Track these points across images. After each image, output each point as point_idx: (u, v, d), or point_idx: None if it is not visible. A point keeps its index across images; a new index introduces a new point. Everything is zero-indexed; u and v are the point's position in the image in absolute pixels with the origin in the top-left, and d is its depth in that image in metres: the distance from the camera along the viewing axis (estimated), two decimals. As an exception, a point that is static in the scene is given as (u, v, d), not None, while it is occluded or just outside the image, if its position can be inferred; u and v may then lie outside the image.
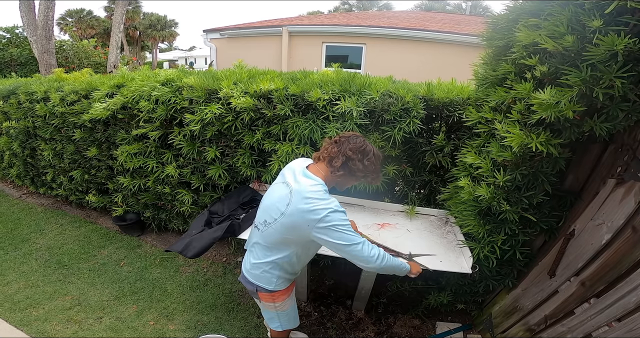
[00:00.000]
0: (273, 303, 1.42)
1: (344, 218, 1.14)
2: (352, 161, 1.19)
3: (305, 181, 1.19)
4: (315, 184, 1.18)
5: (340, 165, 1.19)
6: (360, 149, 1.20)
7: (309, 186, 1.17)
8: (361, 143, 1.21)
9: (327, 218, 1.11)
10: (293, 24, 8.22)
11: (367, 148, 1.21)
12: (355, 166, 1.19)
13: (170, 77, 2.18)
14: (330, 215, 1.11)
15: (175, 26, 27.76)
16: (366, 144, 1.22)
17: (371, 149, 1.22)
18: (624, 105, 1.01)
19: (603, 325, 1.21)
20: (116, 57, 6.74)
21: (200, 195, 2.40)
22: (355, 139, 1.22)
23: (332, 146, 1.22)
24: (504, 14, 1.35)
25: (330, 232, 1.13)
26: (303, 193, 1.15)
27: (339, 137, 1.24)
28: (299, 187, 1.18)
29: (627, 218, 1.14)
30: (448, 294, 1.94)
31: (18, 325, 2.06)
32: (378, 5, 29.91)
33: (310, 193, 1.15)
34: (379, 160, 1.25)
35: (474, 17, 11.46)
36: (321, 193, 1.16)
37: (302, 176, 1.21)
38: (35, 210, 3.55)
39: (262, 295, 1.40)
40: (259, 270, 1.34)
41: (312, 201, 1.13)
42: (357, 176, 1.22)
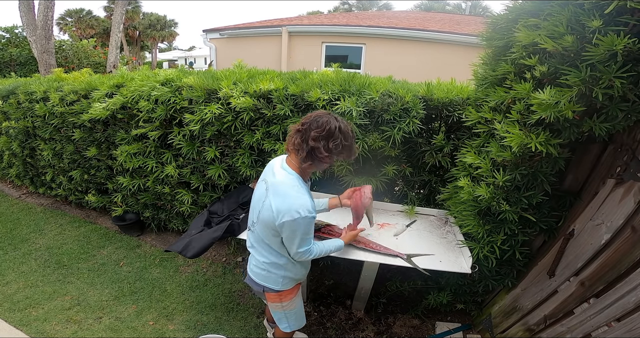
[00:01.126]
0: (280, 303, 1.42)
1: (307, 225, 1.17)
2: (317, 150, 1.10)
3: (280, 176, 1.19)
4: (290, 178, 1.17)
5: (305, 156, 1.12)
6: (324, 133, 1.09)
7: (282, 182, 1.17)
8: (324, 124, 1.10)
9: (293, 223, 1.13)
10: (293, 24, 8.21)
11: (331, 128, 1.10)
12: (322, 154, 1.10)
13: (169, 77, 2.17)
14: (296, 221, 1.12)
15: (175, 26, 27.75)
16: (330, 124, 1.10)
17: (336, 127, 1.11)
18: (624, 105, 1.01)
19: (602, 325, 1.21)
20: (116, 57, 6.74)
21: (200, 195, 2.40)
22: (317, 121, 1.11)
23: (295, 136, 1.13)
24: (503, 14, 1.35)
25: (290, 233, 1.17)
26: (276, 190, 1.17)
27: (301, 123, 1.14)
28: (274, 183, 1.19)
29: (626, 218, 1.14)
30: (447, 294, 1.94)
31: (17, 325, 2.06)
32: (378, 5, 29.90)
33: (283, 188, 1.15)
34: (348, 136, 1.14)
35: (473, 17, 11.46)
36: (294, 189, 1.15)
37: (280, 169, 1.21)
38: (34, 210, 3.55)
39: (269, 295, 1.40)
40: (264, 271, 1.34)
41: (284, 200, 1.14)
42: (326, 162, 1.15)
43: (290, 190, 1.15)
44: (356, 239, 1.59)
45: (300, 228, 1.15)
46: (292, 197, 1.13)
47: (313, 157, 1.12)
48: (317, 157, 1.12)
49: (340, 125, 1.12)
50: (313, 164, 1.14)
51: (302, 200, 1.13)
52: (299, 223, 1.13)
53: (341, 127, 1.12)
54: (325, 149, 1.10)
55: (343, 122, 1.14)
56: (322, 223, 1.67)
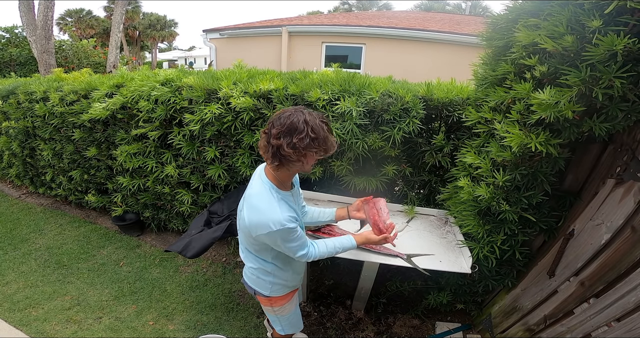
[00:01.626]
0: (271, 307, 1.41)
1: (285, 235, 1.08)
2: (280, 148, 0.98)
3: (255, 187, 1.12)
4: (263, 189, 1.09)
5: (271, 158, 1.01)
6: (285, 129, 0.96)
7: (254, 194, 1.10)
8: (285, 119, 0.97)
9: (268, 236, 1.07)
10: (293, 24, 8.21)
11: (293, 122, 0.96)
12: (286, 151, 0.97)
13: (169, 77, 2.17)
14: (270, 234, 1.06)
15: (175, 26, 27.76)
16: (292, 117, 0.97)
17: (300, 120, 0.96)
18: (623, 105, 1.01)
19: (602, 325, 1.21)
20: (115, 57, 6.73)
21: (200, 195, 2.40)
22: (279, 118, 0.99)
23: (262, 139, 1.04)
24: (503, 14, 1.35)
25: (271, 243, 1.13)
26: (249, 202, 1.10)
27: (267, 125, 1.03)
28: (248, 195, 1.13)
29: (626, 218, 1.14)
30: (447, 294, 1.94)
31: (17, 325, 2.06)
32: (378, 5, 29.91)
33: (254, 201, 1.08)
34: (318, 128, 0.98)
35: (473, 17, 11.46)
36: (265, 202, 1.06)
37: (257, 178, 1.14)
38: (34, 210, 3.55)
39: (260, 299, 1.39)
40: (253, 276, 1.33)
41: (255, 213, 1.07)
42: (296, 160, 1.01)
43: (261, 203, 1.06)
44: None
45: (279, 239, 1.09)
46: (262, 211, 1.05)
47: (279, 157, 1.00)
48: (284, 157, 0.99)
49: (306, 118, 0.98)
50: (282, 165, 1.03)
51: (274, 214, 1.04)
52: (275, 236, 1.07)
53: (307, 120, 0.97)
54: (290, 145, 0.96)
55: (312, 115, 1.00)
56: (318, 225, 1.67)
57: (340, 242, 1.28)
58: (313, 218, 1.44)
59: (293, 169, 1.07)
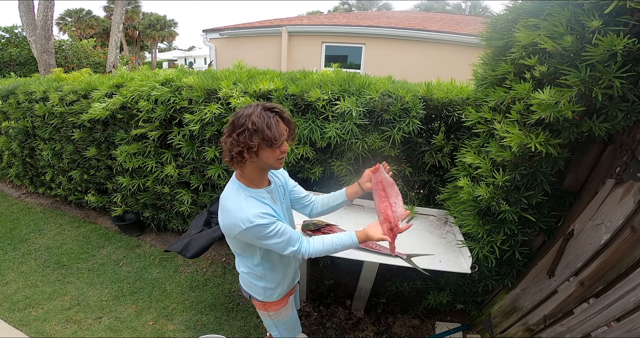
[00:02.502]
0: (267, 312, 1.38)
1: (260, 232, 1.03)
2: (230, 149, 0.97)
3: (226, 188, 1.11)
4: (231, 189, 1.07)
5: (227, 160, 1.01)
6: (231, 127, 0.96)
7: (222, 197, 1.09)
8: (232, 117, 0.97)
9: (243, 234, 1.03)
10: (292, 24, 8.21)
11: (237, 116, 0.95)
12: (234, 151, 0.96)
13: (169, 77, 2.17)
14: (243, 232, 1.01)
15: (175, 26, 27.74)
16: (238, 114, 0.96)
17: (242, 114, 0.94)
18: (623, 105, 1.01)
19: (602, 325, 1.21)
20: (115, 57, 6.73)
21: (200, 195, 2.40)
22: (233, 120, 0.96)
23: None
24: (503, 14, 1.36)
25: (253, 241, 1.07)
26: (220, 205, 1.09)
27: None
28: (220, 200, 1.10)
29: (626, 218, 1.14)
30: (447, 294, 1.94)
31: (17, 325, 2.05)
32: (377, 5, 29.90)
33: (223, 203, 1.07)
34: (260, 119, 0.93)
35: (473, 17, 11.46)
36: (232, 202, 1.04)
37: (229, 181, 1.12)
38: (34, 210, 3.54)
39: (255, 303, 1.37)
40: (246, 280, 1.31)
41: (225, 215, 1.05)
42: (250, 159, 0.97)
43: (229, 203, 1.05)
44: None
45: (253, 238, 1.05)
46: (230, 210, 1.03)
47: (230, 156, 0.98)
48: (234, 156, 0.97)
49: (249, 111, 0.94)
50: (237, 163, 1.00)
51: (241, 212, 1.01)
52: (248, 234, 1.03)
53: (250, 113, 0.93)
54: (234, 142, 0.94)
55: (259, 106, 0.96)
56: (322, 223, 1.67)
57: (339, 238, 1.15)
58: (324, 205, 1.32)
59: (252, 165, 1.03)
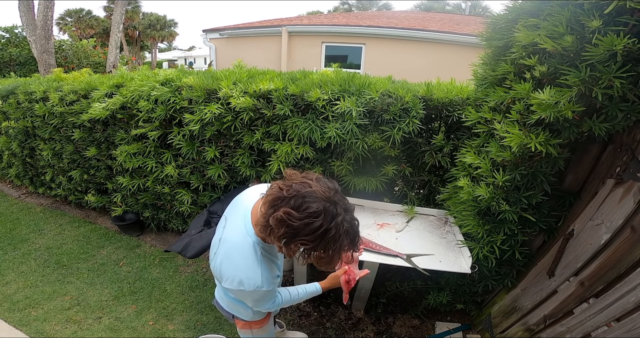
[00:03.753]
0: (250, 330, 1.32)
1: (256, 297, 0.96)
2: (299, 249, 0.81)
3: (236, 235, 0.93)
4: (245, 243, 0.91)
5: (276, 243, 0.82)
6: (318, 235, 0.75)
7: (234, 246, 0.93)
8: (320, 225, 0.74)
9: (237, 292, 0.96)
10: (292, 24, 8.21)
11: (326, 228, 0.74)
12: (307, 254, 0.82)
13: (169, 77, 2.17)
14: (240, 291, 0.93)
15: (175, 26, 27.75)
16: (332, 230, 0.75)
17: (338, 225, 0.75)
18: (623, 105, 1.01)
19: (602, 325, 1.21)
20: (115, 57, 6.73)
21: (200, 195, 2.40)
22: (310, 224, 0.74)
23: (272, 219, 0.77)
24: (503, 14, 1.36)
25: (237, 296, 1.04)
26: (226, 251, 0.94)
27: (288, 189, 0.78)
28: (226, 240, 0.95)
29: (626, 218, 1.14)
30: (447, 294, 1.94)
31: (17, 325, 2.05)
32: (377, 5, 29.91)
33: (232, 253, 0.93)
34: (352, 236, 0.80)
35: (473, 17, 11.47)
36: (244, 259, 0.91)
37: (241, 221, 0.94)
38: (34, 210, 3.54)
39: (239, 323, 1.31)
40: (230, 305, 1.23)
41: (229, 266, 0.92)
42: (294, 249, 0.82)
43: (240, 259, 0.91)
44: None
45: (248, 298, 1.00)
46: (239, 267, 0.91)
47: (290, 250, 0.81)
48: (289, 248, 0.80)
49: (345, 226, 0.76)
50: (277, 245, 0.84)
51: (251, 274, 0.90)
52: (245, 295, 0.97)
53: (347, 229, 0.77)
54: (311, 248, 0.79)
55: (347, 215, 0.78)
56: None
57: (304, 289, 1.23)
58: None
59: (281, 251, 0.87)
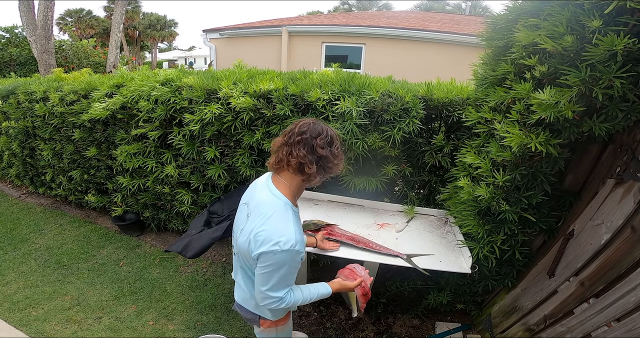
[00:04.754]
0: (275, 329, 1.32)
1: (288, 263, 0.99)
2: (324, 159, 0.99)
3: (265, 198, 1.02)
4: (277, 203, 1.00)
5: (316, 171, 0.99)
6: (328, 140, 1.00)
7: (265, 203, 1.01)
8: (324, 132, 1.01)
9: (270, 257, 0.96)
10: (293, 24, 8.21)
11: (330, 134, 1.02)
12: (331, 162, 1.01)
13: (169, 77, 2.17)
14: (274, 254, 0.95)
15: (175, 26, 27.75)
16: (326, 130, 1.02)
17: (333, 133, 1.03)
18: (623, 105, 1.01)
19: (602, 325, 1.21)
20: (115, 57, 6.73)
21: (200, 195, 2.40)
22: (315, 129, 1.00)
23: (296, 148, 0.98)
24: (503, 14, 1.36)
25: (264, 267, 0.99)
26: (259, 212, 1.00)
27: (298, 136, 0.99)
28: (257, 205, 1.03)
29: (626, 218, 1.14)
30: (447, 294, 1.94)
31: (17, 325, 2.05)
32: (377, 5, 29.90)
33: (266, 211, 0.99)
34: (339, 139, 1.07)
35: (473, 17, 11.46)
36: (280, 217, 0.98)
37: (266, 191, 1.04)
38: (34, 210, 3.55)
39: (265, 323, 1.28)
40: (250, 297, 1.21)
41: (264, 226, 0.97)
42: (334, 171, 1.04)
43: (275, 219, 0.98)
44: (356, 239, 1.58)
45: (279, 265, 0.98)
46: (274, 224, 0.97)
47: (323, 169, 1.01)
48: (327, 167, 1.01)
49: (331, 130, 1.04)
50: (323, 175, 1.03)
51: (287, 231, 0.96)
52: (278, 259, 0.96)
53: (334, 133, 1.05)
54: (333, 155, 1.01)
55: (331, 128, 1.06)
56: (322, 223, 1.67)
57: (316, 289, 1.18)
58: None
59: (322, 179, 1.06)
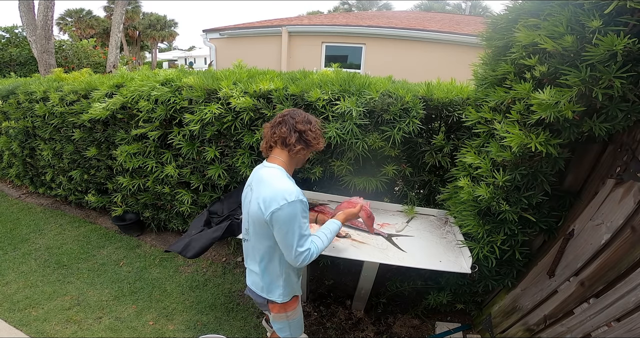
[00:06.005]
0: (285, 314, 1.39)
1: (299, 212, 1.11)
2: (304, 133, 1.19)
3: (263, 171, 1.20)
4: (274, 170, 1.18)
5: (295, 140, 1.18)
6: (306, 119, 1.22)
7: (265, 174, 1.18)
8: (303, 114, 1.23)
9: (282, 213, 1.09)
10: (293, 24, 8.21)
11: (308, 116, 1.24)
12: (309, 136, 1.20)
13: (169, 77, 2.17)
14: (284, 209, 1.08)
15: (175, 26, 27.73)
16: (305, 114, 1.24)
17: (312, 117, 1.25)
18: (623, 105, 1.01)
19: (602, 325, 1.21)
20: (115, 57, 6.73)
21: (200, 195, 2.40)
22: (294, 112, 1.23)
23: (278, 127, 1.20)
24: (503, 14, 1.36)
25: (281, 226, 1.11)
26: (260, 182, 1.17)
27: (280, 118, 1.22)
28: (258, 178, 1.20)
29: (626, 218, 1.14)
30: (447, 294, 1.94)
31: (17, 325, 2.05)
32: (377, 5, 29.90)
33: (267, 179, 1.15)
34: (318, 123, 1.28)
35: (473, 17, 11.46)
36: (282, 178, 1.15)
37: (263, 168, 1.22)
38: (34, 210, 3.55)
39: (274, 307, 1.37)
40: (265, 283, 1.32)
41: (268, 189, 1.12)
42: (311, 146, 1.22)
43: (274, 179, 1.15)
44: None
45: (291, 218, 1.10)
46: (276, 185, 1.12)
47: (302, 140, 1.19)
48: (306, 141, 1.20)
49: (310, 115, 1.26)
50: (302, 148, 1.20)
51: (288, 186, 1.12)
52: (289, 212, 1.09)
53: (312, 117, 1.26)
54: (312, 132, 1.20)
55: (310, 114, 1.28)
56: (316, 201, 1.69)
57: (328, 228, 1.30)
58: None
59: (306, 153, 1.24)
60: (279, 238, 1.15)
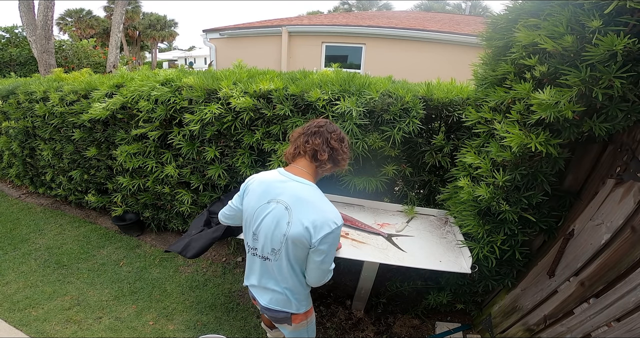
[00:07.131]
0: (306, 320, 1.36)
1: (339, 236, 1.12)
2: (336, 151, 1.15)
3: (302, 189, 1.10)
4: (314, 190, 1.12)
5: (327, 158, 1.13)
6: (340, 137, 1.18)
7: (310, 195, 1.09)
8: (338, 130, 1.19)
9: (330, 236, 1.06)
10: (293, 24, 8.21)
11: (342, 133, 1.20)
12: (340, 156, 1.16)
13: (169, 77, 2.17)
14: (333, 233, 1.07)
15: (175, 26, 27.76)
16: (340, 130, 1.21)
17: (344, 135, 1.22)
18: (623, 105, 1.01)
19: (602, 325, 1.21)
20: (115, 57, 6.73)
21: (200, 195, 2.40)
22: (331, 126, 1.18)
23: (313, 137, 1.14)
24: (503, 14, 1.36)
25: (326, 248, 1.09)
26: (306, 203, 1.07)
27: (315, 128, 1.16)
28: (300, 198, 1.08)
29: (626, 218, 1.14)
30: (447, 294, 1.94)
31: (17, 325, 2.05)
32: (378, 5, 29.91)
33: (313, 201, 1.08)
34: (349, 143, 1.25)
35: (473, 17, 11.47)
36: (324, 200, 1.10)
37: (294, 183, 1.11)
38: (34, 210, 3.55)
39: (297, 318, 1.31)
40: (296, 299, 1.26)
41: (318, 213, 1.06)
42: (337, 167, 1.19)
43: (320, 202, 1.09)
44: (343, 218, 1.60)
45: (336, 241, 1.12)
46: (324, 208, 1.08)
47: (332, 159, 1.15)
48: (335, 160, 1.16)
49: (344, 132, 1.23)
50: (331, 167, 1.16)
51: (332, 208, 1.10)
52: (336, 236, 1.09)
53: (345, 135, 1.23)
54: (342, 151, 1.17)
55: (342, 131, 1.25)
56: None
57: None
58: None
59: (333, 170, 1.21)
60: (317, 259, 1.12)
